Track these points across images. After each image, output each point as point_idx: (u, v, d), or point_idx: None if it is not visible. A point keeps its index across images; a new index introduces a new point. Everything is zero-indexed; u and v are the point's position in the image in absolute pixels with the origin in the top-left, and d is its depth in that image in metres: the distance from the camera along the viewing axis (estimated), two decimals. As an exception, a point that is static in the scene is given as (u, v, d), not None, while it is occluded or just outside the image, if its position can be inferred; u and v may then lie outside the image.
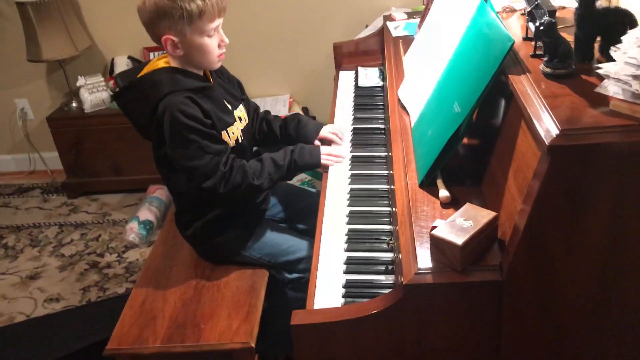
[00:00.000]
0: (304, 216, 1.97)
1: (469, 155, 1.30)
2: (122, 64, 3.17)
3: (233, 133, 1.71)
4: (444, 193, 1.19)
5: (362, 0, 3.05)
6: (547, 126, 0.90)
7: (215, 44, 1.62)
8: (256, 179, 1.63)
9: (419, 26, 1.99)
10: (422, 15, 2.04)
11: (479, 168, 1.24)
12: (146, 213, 2.91)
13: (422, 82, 1.53)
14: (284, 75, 3.28)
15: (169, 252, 1.91)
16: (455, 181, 1.24)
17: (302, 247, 1.80)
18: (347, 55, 2.42)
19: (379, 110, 2.01)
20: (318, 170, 2.99)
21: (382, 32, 2.34)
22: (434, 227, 1.10)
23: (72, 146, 3.17)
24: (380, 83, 2.19)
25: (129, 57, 3.20)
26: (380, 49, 2.39)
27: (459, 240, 0.99)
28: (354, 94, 2.14)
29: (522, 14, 1.33)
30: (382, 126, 1.90)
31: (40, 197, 3.38)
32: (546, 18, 1.01)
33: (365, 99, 2.10)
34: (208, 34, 1.59)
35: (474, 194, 1.20)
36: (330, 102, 2.94)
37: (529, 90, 1.01)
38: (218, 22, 1.60)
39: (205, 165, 1.57)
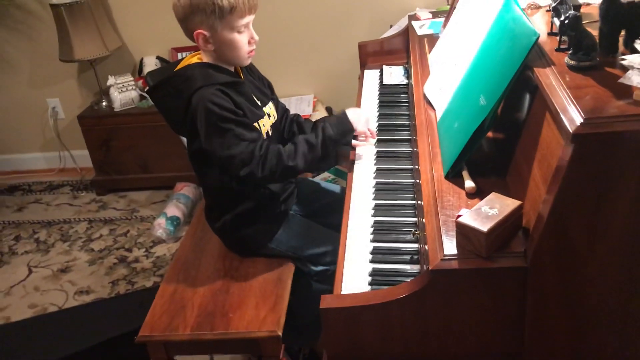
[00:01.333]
0: (328, 212, 2.01)
1: (494, 147, 1.33)
2: (150, 64, 3.24)
3: (264, 125, 1.75)
4: (469, 184, 1.22)
5: (387, 0, 3.08)
6: (572, 115, 0.92)
7: (245, 40, 1.67)
8: (291, 160, 1.67)
9: (444, 25, 2.02)
10: (447, 14, 2.07)
11: (504, 159, 1.27)
12: (173, 209, 2.98)
13: (447, 77, 1.56)
14: (308, 75, 3.32)
15: (198, 244, 1.97)
16: (480, 172, 1.27)
17: (327, 240, 1.84)
18: (372, 54, 2.45)
19: (404, 108, 2.04)
20: (341, 169, 3.04)
21: (407, 31, 2.37)
22: (459, 216, 1.13)
23: (102, 144, 3.25)
24: (405, 81, 2.22)
25: (158, 57, 3.28)
26: (405, 48, 2.42)
27: (485, 227, 1.02)
28: (378, 92, 2.18)
29: (547, 11, 1.36)
30: (406, 123, 1.93)
31: (70, 194, 3.47)
32: (571, 12, 1.04)
33: (390, 97, 2.13)
34: (238, 30, 1.64)
35: (498, 184, 1.23)
36: (354, 102, 2.99)
37: (554, 82, 1.03)
38: (248, 18, 1.65)
39: (242, 152, 1.62)
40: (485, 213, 1.06)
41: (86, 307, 2.52)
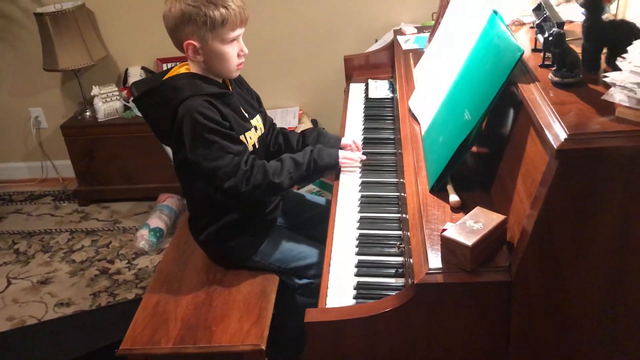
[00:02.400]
0: (313, 225, 2.01)
1: (478, 161, 1.34)
2: (135, 75, 3.23)
3: (250, 138, 1.75)
4: (454, 198, 1.23)
5: (372, 15, 3.11)
6: (556, 131, 0.94)
7: (234, 52, 1.67)
8: (276, 177, 1.67)
9: (429, 40, 2.04)
10: (432, 29, 2.09)
11: (488, 174, 1.28)
12: (156, 221, 2.95)
13: (432, 92, 1.57)
14: (293, 88, 3.33)
15: (182, 256, 1.95)
16: (465, 186, 1.27)
17: (312, 253, 1.84)
18: (358, 68, 2.47)
19: (389, 121, 2.05)
20: (326, 182, 3.04)
21: (392, 45, 2.39)
22: (444, 230, 1.13)
23: (85, 154, 3.23)
24: (390, 95, 2.24)
25: (143, 68, 3.27)
26: (390, 62, 2.44)
27: (469, 241, 1.03)
28: (364, 105, 2.19)
29: (531, 27, 1.38)
30: (391, 136, 1.94)
31: (52, 204, 3.43)
32: (555, 29, 1.05)
33: (375, 110, 2.14)
34: (229, 42, 1.64)
35: (483, 198, 1.24)
36: (339, 115, 3.00)
37: (538, 98, 1.05)
38: (239, 31, 1.66)
39: (226, 165, 1.62)
40: (470, 227, 1.06)
41: (66, 320, 2.48)
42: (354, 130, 2.02)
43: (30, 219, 3.30)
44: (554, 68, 1.09)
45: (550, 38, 1.05)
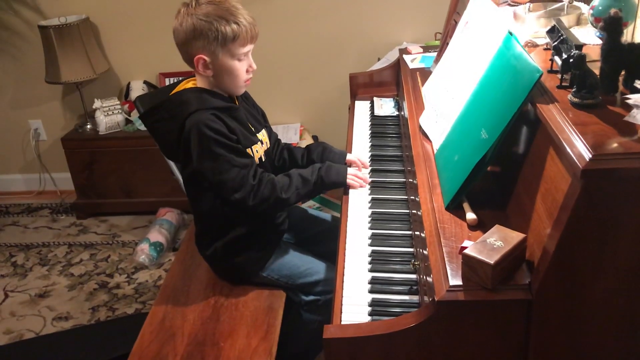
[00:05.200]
0: (319, 241, 2.01)
1: (493, 179, 1.35)
2: (137, 89, 3.24)
3: (257, 151, 1.76)
4: (470, 215, 1.24)
5: (375, 34, 3.14)
6: (580, 151, 0.95)
7: (244, 68, 1.69)
8: (284, 193, 1.68)
9: (437, 59, 2.06)
10: (440, 49, 2.12)
11: (504, 192, 1.29)
12: (157, 235, 2.94)
13: (444, 110, 1.59)
14: (295, 104, 3.35)
15: (187, 271, 1.94)
16: (480, 204, 1.28)
17: (319, 269, 1.83)
18: (363, 86, 2.49)
19: (395, 139, 2.06)
20: (327, 198, 3.04)
21: (397, 64, 2.41)
22: (463, 247, 1.14)
23: (85, 167, 3.21)
24: (395, 113, 2.26)
25: (145, 82, 3.27)
26: (395, 81, 2.46)
27: (491, 259, 1.03)
28: (370, 123, 2.20)
29: (545, 49, 1.40)
30: (398, 153, 1.95)
31: (49, 217, 3.41)
32: (576, 51, 1.07)
33: (381, 128, 2.15)
34: (238, 58, 1.66)
35: (499, 216, 1.24)
36: (340, 131, 3.02)
37: (559, 118, 1.06)
38: (249, 47, 1.68)
39: (233, 179, 1.62)
40: (491, 245, 1.07)
41: (65, 334, 2.46)
42: (361, 147, 2.03)
43: (28, 232, 3.28)
44: (573, 89, 1.10)
45: (572, 60, 1.06)
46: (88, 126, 3.22)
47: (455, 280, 1.08)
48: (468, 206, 1.27)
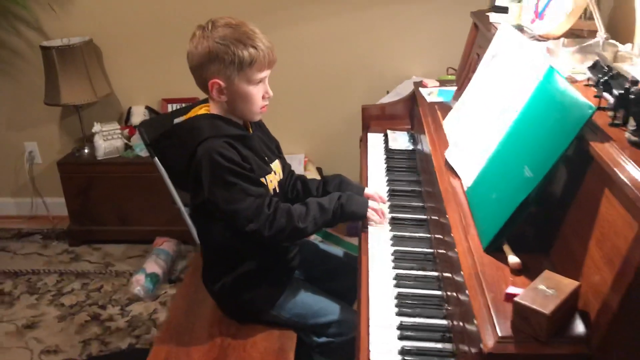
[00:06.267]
0: (331, 277, 1.92)
1: (533, 219, 1.27)
2: (139, 114, 3.16)
3: (271, 181, 1.68)
4: (513, 259, 1.15)
5: (383, 67, 3.10)
6: (649, 194, 0.87)
7: (260, 94, 1.62)
8: (301, 222, 1.59)
9: (457, 93, 2.00)
10: (460, 82, 2.06)
11: (546, 233, 1.21)
12: (153, 265, 2.82)
13: (473, 145, 1.52)
14: (300, 135, 3.29)
15: (191, 307, 1.83)
16: (520, 246, 1.20)
17: (333, 309, 1.73)
18: (375, 118, 2.42)
19: (412, 173, 1.99)
20: (331, 232, 2.95)
21: (411, 97, 2.36)
22: (510, 294, 1.05)
23: (80, 192, 3.11)
24: (410, 146, 2.19)
25: (147, 107, 3.20)
26: (408, 114, 2.40)
27: (546, 309, 0.95)
28: (385, 156, 2.13)
29: (586, 85, 1.34)
30: (417, 188, 1.87)
31: (40, 243, 3.28)
32: (636, 87, 1.01)
33: (397, 162, 2.08)
34: (255, 83, 1.59)
35: (541, 260, 1.16)
36: (346, 164, 2.96)
37: (618, 158, 0.99)
38: (266, 73, 1.61)
39: (247, 208, 1.53)
40: (543, 293, 0.98)
41: (54, 369, 2.32)
42: (377, 181, 1.95)
43: (17, 258, 3.14)
44: (633, 127, 1.03)
45: (632, 97, 1.00)
46: (86, 150, 3.12)
47: (505, 331, 0.99)
48: (509, 248, 1.18)
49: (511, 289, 1.07)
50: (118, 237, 3.19)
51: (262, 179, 1.65)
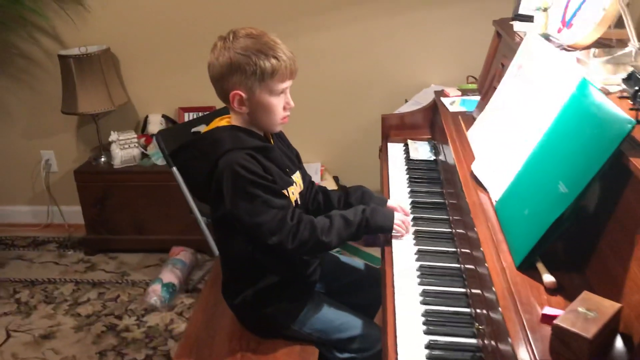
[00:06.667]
0: (352, 291, 1.88)
1: (568, 236, 1.23)
2: (155, 122, 3.15)
3: (293, 193, 1.65)
4: (549, 278, 1.11)
5: (402, 75, 3.07)
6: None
7: (281, 105, 1.59)
8: (325, 236, 1.56)
9: (481, 103, 1.97)
10: (484, 92, 2.03)
11: (581, 251, 1.17)
12: (169, 275, 2.80)
13: (501, 158, 1.48)
14: (316, 144, 3.26)
15: (210, 320, 1.80)
16: (554, 264, 1.16)
17: (356, 324, 1.70)
18: (395, 128, 2.39)
19: (435, 184, 1.95)
20: (348, 242, 2.91)
21: (432, 107, 2.32)
22: (547, 315, 1.02)
23: (97, 201, 3.09)
24: (432, 157, 2.15)
25: (163, 116, 3.18)
26: (428, 123, 2.37)
27: (588, 333, 0.91)
28: (406, 167, 2.09)
29: (620, 97, 1.30)
30: (441, 200, 1.84)
31: (56, 252, 3.27)
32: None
33: (419, 172, 2.04)
34: (276, 94, 1.56)
35: (577, 279, 1.13)
36: (364, 173, 2.93)
37: (661, 175, 0.95)
38: (288, 83, 1.58)
39: (270, 221, 1.51)
40: (584, 315, 0.95)
41: (71, 381, 2.30)
42: (399, 193, 1.92)
43: (33, 267, 3.13)
44: (676, 143, 1.00)
45: (677, 111, 0.96)
46: (102, 159, 3.11)
47: (543, 354, 0.95)
48: (543, 267, 1.15)
49: (548, 310, 1.03)
50: (134, 246, 3.18)
51: (284, 191, 1.62)
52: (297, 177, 1.73)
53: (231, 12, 2.97)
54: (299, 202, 1.70)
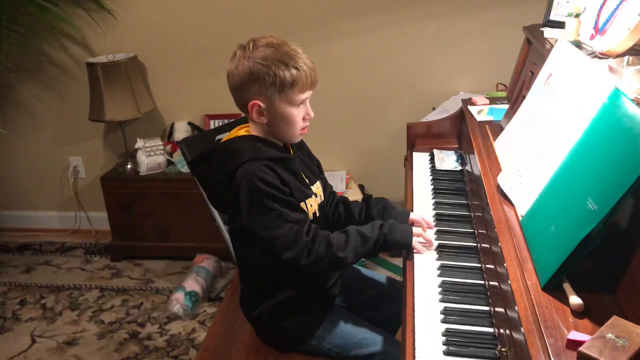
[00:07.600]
0: (373, 305, 1.83)
1: (597, 255, 1.16)
2: (181, 130, 3.15)
3: (311, 205, 1.61)
4: (575, 300, 1.05)
5: (430, 82, 3.01)
6: None
7: (301, 116, 1.56)
8: (341, 252, 1.51)
9: (509, 112, 1.90)
10: (513, 101, 1.96)
11: (610, 271, 1.10)
12: (192, 284, 2.79)
13: (528, 171, 1.42)
14: (342, 151, 3.22)
15: (228, 332, 1.78)
16: (581, 285, 1.10)
17: (376, 340, 1.65)
18: (420, 137, 2.33)
19: (460, 196, 1.89)
20: (380, 258, 2.86)
21: (459, 115, 2.26)
22: (572, 341, 0.96)
23: (123, 208, 3.11)
24: (458, 167, 2.09)
25: (189, 123, 3.18)
26: (456, 133, 2.31)
27: (617, 362, 0.85)
28: (431, 177, 2.04)
29: (654, 108, 1.23)
30: (466, 213, 1.78)
31: (83, 258, 3.30)
32: None
33: (445, 183, 1.99)
34: (296, 105, 1.53)
35: (605, 301, 1.06)
36: (390, 181, 2.88)
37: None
38: (308, 94, 1.55)
39: (285, 235, 1.47)
40: (612, 343, 0.88)
41: (92, 389, 2.30)
42: (422, 204, 1.86)
43: (60, 272, 3.16)
44: None
45: None
46: (128, 166, 3.13)
47: (568, 383, 0.89)
48: (570, 288, 1.08)
49: (573, 335, 0.97)
50: (159, 253, 3.18)
51: (302, 204, 1.58)
52: (317, 187, 1.70)
53: (257, 20, 2.95)
54: (318, 214, 1.66)
